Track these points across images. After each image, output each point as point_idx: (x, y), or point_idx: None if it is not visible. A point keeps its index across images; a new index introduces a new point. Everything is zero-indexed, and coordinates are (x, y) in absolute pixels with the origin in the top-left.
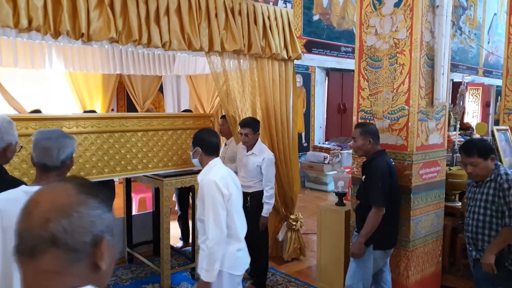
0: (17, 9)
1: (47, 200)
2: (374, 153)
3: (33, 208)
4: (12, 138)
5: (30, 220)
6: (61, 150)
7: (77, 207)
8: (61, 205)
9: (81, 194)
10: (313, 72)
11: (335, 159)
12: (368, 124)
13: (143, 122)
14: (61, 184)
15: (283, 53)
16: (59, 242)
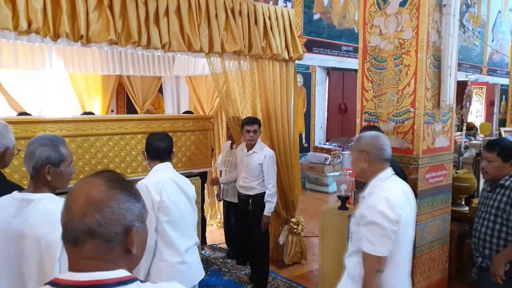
0: (16, 12)
1: (82, 195)
2: None
3: (72, 202)
4: (9, 142)
5: (71, 214)
6: (31, 156)
7: (108, 202)
8: (94, 201)
9: (111, 189)
10: (313, 71)
11: (336, 160)
12: (371, 126)
13: (142, 124)
14: (94, 179)
15: (284, 53)
16: (95, 233)
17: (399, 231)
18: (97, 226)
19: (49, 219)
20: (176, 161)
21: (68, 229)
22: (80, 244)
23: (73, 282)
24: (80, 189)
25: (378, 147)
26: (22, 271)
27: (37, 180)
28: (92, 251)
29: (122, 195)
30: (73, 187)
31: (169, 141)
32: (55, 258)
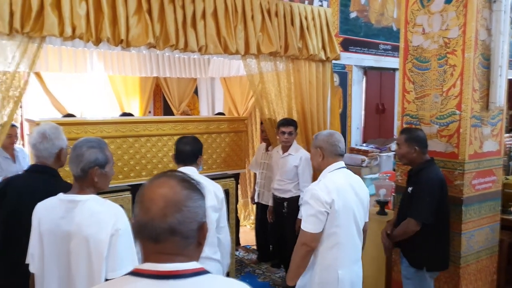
0: (62, 18)
1: (160, 197)
2: (422, 162)
3: (150, 204)
4: (62, 143)
5: (150, 214)
6: (79, 158)
7: (185, 203)
8: (173, 202)
9: (185, 190)
10: (350, 71)
11: (373, 162)
12: (415, 130)
13: (179, 126)
14: (166, 180)
15: (320, 54)
16: (176, 232)
17: (337, 216)
18: (178, 225)
19: (96, 219)
20: (211, 163)
21: (149, 228)
22: (162, 241)
23: (154, 272)
24: (155, 191)
25: (331, 143)
26: (71, 269)
27: (83, 182)
28: (172, 247)
29: (194, 195)
30: (143, 189)
31: (195, 145)
32: (103, 257)
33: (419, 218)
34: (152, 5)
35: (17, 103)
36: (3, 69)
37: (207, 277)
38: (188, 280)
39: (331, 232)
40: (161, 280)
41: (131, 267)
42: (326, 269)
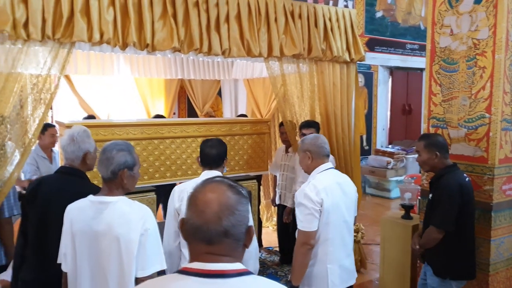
0: (90, 24)
1: (215, 201)
2: (443, 168)
3: (204, 207)
4: (89, 146)
5: (205, 217)
6: (110, 161)
7: (237, 206)
8: (227, 206)
9: (235, 194)
10: (375, 71)
11: (399, 164)
12: (434, 135)
13: (203, 128)
14: (217, 185)
15: (345, 55)
16: (229, 234)
17: (327, 214)
18: (231, 227)
19: (126, 220)
20: (233, 164)
21: (203, 231)
22: (215, 243)
23: (202, 271)
24: (208, 195)
25: (318, 146)
26: (103, 268)
27: (113, 183)
28: (223, 249)
29: (243, 199)
30: (195, 193)
31: (220, 148)
32: (133, 256)
33: (440, 226)
34: (177, 9)
35: (48, 106)
36: (35, 73)
37: (250, 278)
38: (233, 280)
39: (321, 229)
40: (208, 278)
41: (159, 266)
42: (317, 264)
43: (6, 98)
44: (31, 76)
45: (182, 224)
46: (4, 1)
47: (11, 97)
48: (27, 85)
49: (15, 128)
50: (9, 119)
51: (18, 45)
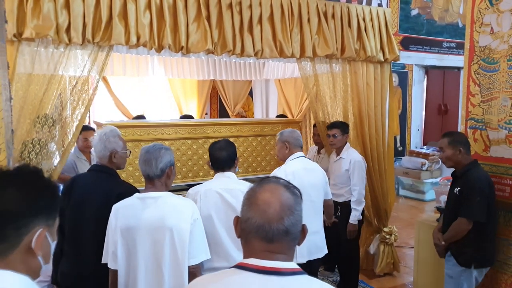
0: (128, 28)
1: (276, 201)
2: (467, 164)
3: (266, 207)
4: (115, 146)
5: (267, 217)
6: (158, 160)
7: (296, 206)
8: (287, 206)
9: (293, 195)
10: (410, 70)
11: (434, 166)
12: (458, 132)
13: (234, 128)
14: (276, 186)
15: (379, 55)
16: (289, 233)
17: None
18: (291, 226)
19: (177, 210)
20: (264, 164)
21: (266, 229)
22: (275, 241)
23: (259, 267)
24: (269, 195)
25: (295, 138)
26: (158, 259)
27: (158, 180)
28: (282, 247)
29: (299, 200)
30: (255, 193)
31: (230, 149)
32: (186, 245)
33: (471, 217)
34: (211, 11)
35: (87, 107)
36: (74, 75)
37: (304, 277)
38: (288, 278)
39: None
40: (264, 275)
41: (205, 255)
42: None
43: (48, 99)
44: (71, 78)
45: (238, 222)
46: (48, 8)
47: (53, 98)
48: (67, 87)
49: (57, 128)
50: (52, 119)
51: (60, 49)
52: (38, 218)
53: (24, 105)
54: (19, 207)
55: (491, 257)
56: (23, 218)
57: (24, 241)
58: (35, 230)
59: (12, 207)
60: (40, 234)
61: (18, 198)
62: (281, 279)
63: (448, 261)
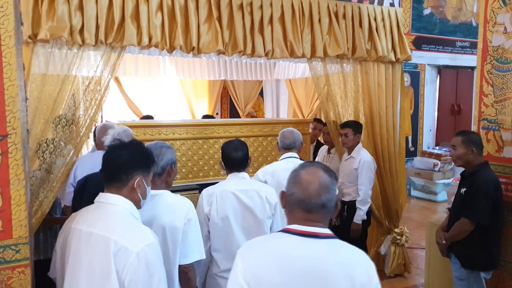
0: (140, 29)
1: (315, 180)
2: (477, 165)
3: (307, 185)
4: None
5: (308, 193)
6: (159, 158)
7: (331, 186)
8: (325, 185)
9: (329, 177)
10: (422, 70)
11: (447, 167)
12: (472, 132)
13: (245, 128)
14: (316, 169)
15: (390, 55)
16: (325, 206)
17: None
18: (327, 201)
19: (171, 209)
20: None
21: (306, 202)
22: (313, 212)
23: (301, 231)
24: (309, 175)
25: (280, 139)
26: None
27: (159, 179)
28: (318, 217)
29: (334, 181)
30: (298, 173)
31: (244, 150)
32: (178, 244)
33: (474, 218)
34: (222, 12)
35: (98, 107)
36: (87, 76)
37: (337, 241)
38: (325, 240)
39: None
40: (306, 237)
41: (199, 255)
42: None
43: (62, 99)
44: (84, 79)
45: (283, 196)
46: (62, 10)
47: (66, 98)
48: (80, 87)
49: (71, 128)
50: (65, 119)
51: (74, 50)
52: (138, 170)
53: (39, 105)
54: (128, 162)
55: (495, 260)
56: (130, 169)
57: (130, 183)
58: (136, 177)
59: (125, 162)
60: (139, 179)
61: (128, 157)
62: (318, 241)
63: (454, 263)
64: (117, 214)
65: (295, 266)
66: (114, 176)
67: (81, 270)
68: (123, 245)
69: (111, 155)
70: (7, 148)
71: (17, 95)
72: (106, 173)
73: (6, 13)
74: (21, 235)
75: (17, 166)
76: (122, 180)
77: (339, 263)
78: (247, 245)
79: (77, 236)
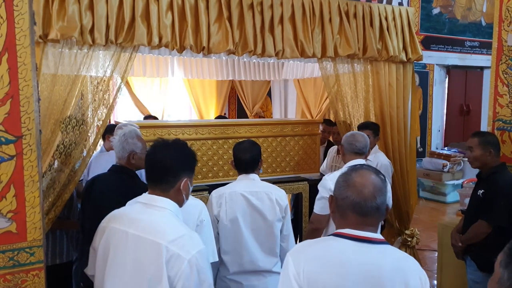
0: (150, 29)
1: (370, 184)
2: (494, 166)
3: (362, 188)
4: (134, 147)
5: (363, 196)
6: None
7: (384, 189)
8: (378, 188)
9: (382, 180)
10: (431, 70)
11: (456, 168)
12: (489, 133)
13: (254, 129)
14: (368, 172)
15: (401, 55)
16: (380, 209)
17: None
18: (381, 204)
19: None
20: (284, 165)
21: (361, 206)
22: (368, 216)
23: (354, 235)
24: (363, 178)
25: (349, 142)
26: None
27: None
28: (372, 221)
29: (387, 184)
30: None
31: (254, 151)
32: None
33: (493, 221)
34: (232, 12)
35: (111, 108)
36: (96, 76)
37: (390, 247)
38: (377, 246)
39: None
40: (358, 242)
41: (211, 257)
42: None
43: (72, 99)
44: (93, 79)
45: (333, 200)
46: (72, 9)
47: (75, 98)
48: (88, 88)
49: (81, 129)
50: (75, 119)
51: (84, 50)
52: (185, 171)
53: (49, 105)
54: (175, 163)
55: None
56: (178, 170)
57: (177, 185)
58: (183, 178)
59: (173, 163)
60: (185, 181)
61: (175, 158)
62: (371, 246)
63: (469, 266)
64: (165, 218)
65: (352, 271)
66: (161, 178)
67: (126, 273)
68: (175, 252)
69: (157, 156)
70: (22, 149)
71: (31, 96)
72: (152, 175)
73: (21, 12)
74: (35, 238)
75: (32, 168)
76: (169, 182)
77: (394, 269)
78: (298, 248)
79: (123, 238)
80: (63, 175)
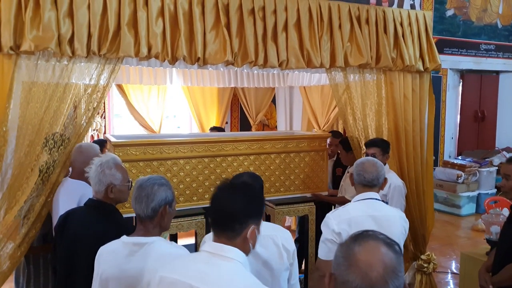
0: (138, 38)
1: (379, 263)
2: None
3: (369, 270)
4: (112, 179)
5: (370, 281)
6: (150, 198)
7: (399, 268)
8: (391, 268)
9: (395, 255)
10: (444, 75)
11: (471, 178)
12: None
13: (255, 145)
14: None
15: (418, 64)
16: None
17: None
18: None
19: (163, 262)
20: (288, 184)
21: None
22: None
23: None
24: (368, 255)
25: (358, 172)
26: None
27: (150, 222)
28: None
29: (401, 259)
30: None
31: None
32: None
33: None
34: (231, 18)
35: (92, 117)
36: (83, 83)
37: None
38: None
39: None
40: None
41: None
42: None
43: (49, 116)
44: (83, 86)
45: (331, 280)
46: (49, 17)
47: (57, 114)
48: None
49: (59, 150)
50: (59, 136)
51: (63, 62)
52: (252, 218)
53: (23, 125)
54: (243, 210)
55: None
56: (245, 217)
57: (243, 233)
58: (250, 226)
59: (239, 210)
60: (253, 228)
61: (242, 204)
62: None
63: None
64: (234, 270)
65: None
66: (226, 226)
67: None
68: None
69: (223, 201)
70: None
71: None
72: (217, 221)
73: None
74: None
75: None
76: (235, 230)
77: None
78: None
79: None
80: (38, 204)
